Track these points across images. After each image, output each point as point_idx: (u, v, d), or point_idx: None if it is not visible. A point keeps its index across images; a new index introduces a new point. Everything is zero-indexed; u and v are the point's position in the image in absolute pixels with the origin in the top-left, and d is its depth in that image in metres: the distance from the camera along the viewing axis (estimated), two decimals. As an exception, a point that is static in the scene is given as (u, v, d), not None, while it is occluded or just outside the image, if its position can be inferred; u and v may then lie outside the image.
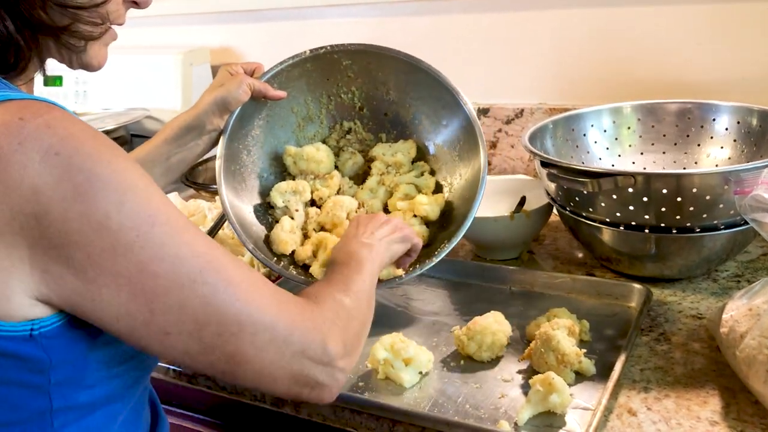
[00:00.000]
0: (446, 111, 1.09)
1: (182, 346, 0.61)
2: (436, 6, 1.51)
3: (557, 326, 0.89)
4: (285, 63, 1.07)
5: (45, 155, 0.55)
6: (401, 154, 1.11)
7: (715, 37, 1.29)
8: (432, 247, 1.02)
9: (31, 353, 0.59)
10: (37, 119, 0.56)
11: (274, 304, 0.64)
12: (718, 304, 0.98)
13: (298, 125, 1.13)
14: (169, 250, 0.59)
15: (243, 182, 1.06)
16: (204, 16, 1.78)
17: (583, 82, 1.41)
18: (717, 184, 0.93)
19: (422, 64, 1.08)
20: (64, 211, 0.55)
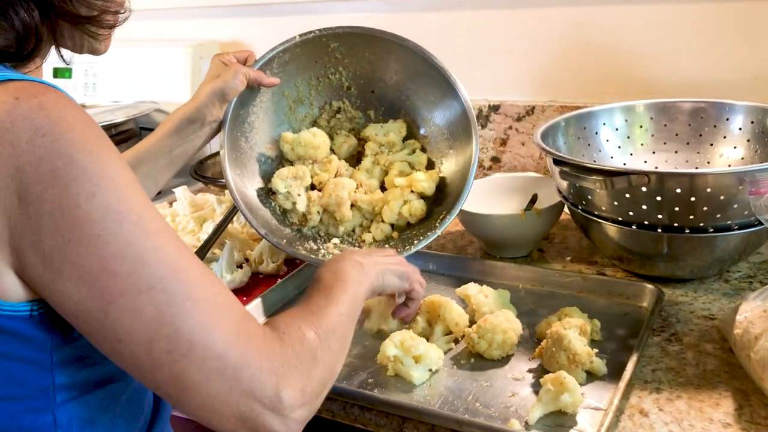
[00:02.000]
0: (433, 87, 1.14)
1: (132, 357, 0.58)
2: (447, 2, 1.50)
3: (569, 325, 0.88)
4: (276, 49, 1.12)
5: (33, 136, 0.55)
6: (393, 134, 1.16)
7: (729, 35, 1.28)
8: (430, 220, 1.08)
9: (33, 332, 0.60)
10: (31, 100, 0.57)
11: (233, 331, 0.60)
12: (730, 305, 0.98)
13: (289, 108, 1.18)
14: (134, 250, 0.57)
15: (244, 168, 1.11)
16: (214, 9, 1.77)
17: (595, 80, 1.40)
18: (731, 184, 0.92)
19: (407, 42, 1.13)
20: (41, 193, 0.55)
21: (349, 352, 0.94)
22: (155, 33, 1.84)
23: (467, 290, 1.00)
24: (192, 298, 0.58)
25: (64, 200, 0.55)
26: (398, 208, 1.11)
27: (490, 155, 1.52)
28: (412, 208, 1.11)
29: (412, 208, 1.11)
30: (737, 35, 1.27)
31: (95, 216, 0.56)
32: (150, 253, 0.58)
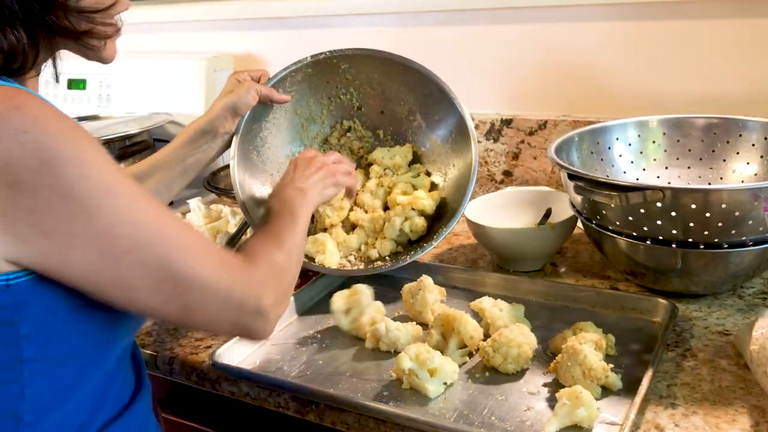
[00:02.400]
0: (438, 106, 1.19)
1: (145, 298, 0.69)
2: (459, 17, 1.51)
3: (584, 340, 0.88)
4: (288, 69, 1.18)
5: (15, 133, 0.61)
6: (399, 157, 1.22)
7: (742, 52, 1.28)
8: (431, 237, 1.14)
9: (4, 303, 0.65)
10: (7, 102, 0.62)
11: (218, 264, 0.73)
12: (744, 321, 0.98)
13: (301, 125, 1.23)
14: (128, 216, 0.67)
15: (254, 180, 1.16)
16: (228, 22, 1.79)
17: (608, 95, 1.40)
18: (746, 200, 0.92)
19: (414, 64, 1.18)
20: (34, 182, 0.61)
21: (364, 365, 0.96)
22: (170, 45, 1.86)
23: (482, 304, 1.01)
24: (183, 244, 0.71)
25: (59, 185, 0.62)
26: (400, 224, 1.15)
27: (502, 169, 1.52)
28: (413, 225, 1.15)
29: (413, 224, 1.15)
30: (750, 52, 1.28)
31: (90, 193, 0.64)
32: (142, 214, 0.68)
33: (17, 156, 0.61)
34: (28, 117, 0.62)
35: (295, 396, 0.91)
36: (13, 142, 0.61)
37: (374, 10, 1.58)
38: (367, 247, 1.18)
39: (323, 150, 1.26)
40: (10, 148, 0.61)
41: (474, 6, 1.47)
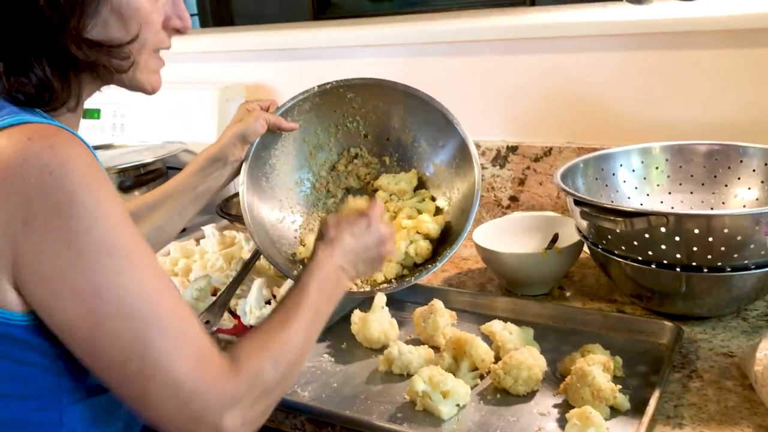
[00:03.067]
0: (442, 133, 1.23)
1: (108, 371, 0.67)
2: (465, 47, 1.55)
3: (592, 362, 0.91)
4: (296, 98, 1.22)
5: (41, 172, 0.63)
6: (404, 183, 1.25)
7: (742, 80, 1.32)
8: (435, 259, 1.16)
9: (36, 340, 0.67)
10: (42, 141, 0.65)
11: (194, 362, 0.67)
12: (748, 343, 1.00)
13: (310, 153, 1.27)
14: (121, 280, 0.65)
15: (264, 205, 1.20)
16: (239, 53, 1.84)
17: (611, 122, 1.44)
18: (748, 225, 0.95)
19: (418, 92, 1.22)
20: (46, 223, 0.63)
21: (378, 388, 0.98)
22: (183, 76, 1.90)
23: (492, 327, 1.03)
24: (164, 328, 0.67)
25: (65, 230, 0.63)
26: (405, 247, 1.18)
27: (509, 194, 1.56)
28: (418, 248, 1.18)
29: (418, 247, 1.18)
30: (749, 80, 1.32)
31: (91, 247, 0.64)
32: (134, 284, 0.66)
33: (38, 194, 0.63)
34: (58, 158, 0.64)
35: (311, 418, 0.94)
36: (38, 180, 0.63)
37: (382, 42, 1.63)
38: None
39: (330, 177, 1.29)
40: (34, 186, 0.63)
41: (479, 37, 1.52)
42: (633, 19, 1.38)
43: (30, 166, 0.63)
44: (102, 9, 0.72)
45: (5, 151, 0.64)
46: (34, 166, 0.63)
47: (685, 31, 1.34)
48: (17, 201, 0.63)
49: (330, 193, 1.29)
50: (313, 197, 1.28)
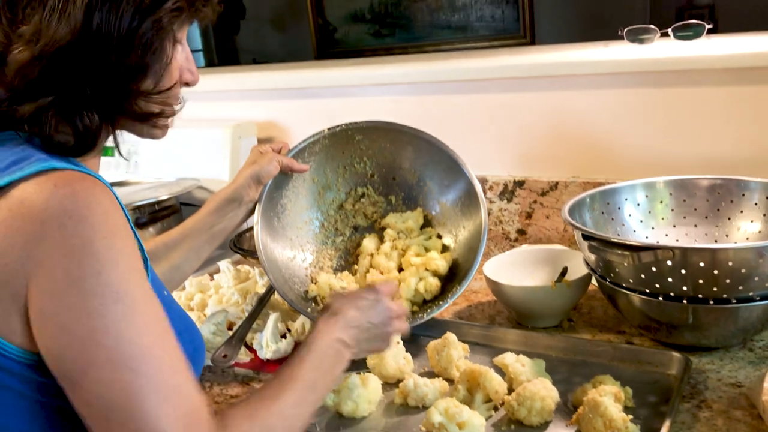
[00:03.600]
0: (447, 173, 1.27)
1: (94, 416, 0.66)
2: (473, 86, 1.60)
3: (603, 393, 0.93)
4: (307, 140, 1.26)
5: (61, 217, 0.66)
6: (411, 221, 1.29)
7: (742, 116, 1.36)
8: (445, 296, 1.19)
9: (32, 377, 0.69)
10: (66, 187, 0.68)
11: (179, 422, 0.66)
12: (756, 373, 1.02)
13: (318, 193, 1.31)
14: (118, 327, 0.66)
15: (276, 244, 1.23)
16: (251, 92, 1.89)
17: (616, 158, 1.48)
18: (751, 257, 0.98)
19: (423, 134, 1.27)
20: (57, 262, 0.65)
21: (394, 420, 1.00)
22: (196, 114, 1.95)
23: (505, 359, 1.06)
24: (155, 382, 0.66)
25: (74, 272, 0.65)
26: (415, 284, 1.22)
27: (516, 227, 1.59)
28: (428, 285, 1.22)
29: (428, 284, 1.22)
30: (749, 116, 1.36)
31: (96, 291, 0.66)
32: (132, 332, 0.66)
33: (55, 239, 0.66)
34: (79, 205, 0.67)
35: (330, 450, 0.96)
36: (57, 222, 0.66)
37: (391, 81, 1.68)
38: None
39: (339, 216, 1.32)
40: (53, 231, 0.66)
41: (485, 76, 1.57)
42: (635, 58, 1.43)
43: (52, 212, 0.66)
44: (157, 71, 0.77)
45: (31, 197, 0.67)
46: (55, 211, 0.66)
47: (686, 69, 1.39)
48: (35, 243, 0.66)
49: (338, 232, 1.33)
50: (322, 236, 1.31)
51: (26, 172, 0.69)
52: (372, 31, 4.06)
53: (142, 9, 0.73)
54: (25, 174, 0.68)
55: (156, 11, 0.74)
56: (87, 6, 0.70)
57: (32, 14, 0.71)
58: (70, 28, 0.70)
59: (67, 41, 0.70)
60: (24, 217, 0.66)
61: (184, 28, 0.80)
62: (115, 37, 0.71)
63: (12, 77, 0.71)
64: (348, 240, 1.32)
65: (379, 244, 1.30)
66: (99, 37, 0.71)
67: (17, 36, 0.71)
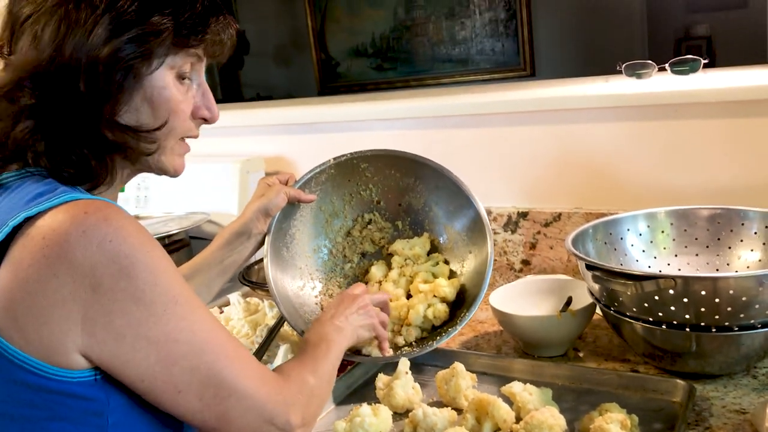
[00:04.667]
0: (452, 198, 1.29)
1: (187, 403, 0.76)
2: (477, 120, 1.64)
3: (610, 420, 0.95)
4: (313, 171, 1.29)
5: (101, 241, 0.70)
6: (418, 247, 1.31)
7: (740, 147, 1.40)
8: (453, 322, 1.21)
9: (93, 396, 0.73)
10: (98, 213, 0.72)
11: (257, 378, 0.80)
12: (759, 400, 1.04)
13: (326, 221, 1.33)
14: (187, 323, 0.75)
15: (285, 275, 1.25)
16: (259, 128, 1.93)
17: (617, 189, 1.51)
18: (752, 286, 1.01)
19: (429, 162, 1.29)
20: (112, 286, 0.70)
21: (406, 448, 1.02)
22: (205, 149, 1.99)
23: (512, 388, 1.07)
24: (229, 356, 0.78)
25: (132, 290, 0.71)
26: (423, 311, 1.23)
27: (521, 258, 1.62)
28: (436, 311, 1.23)
29: (436, 310, 1.23)
30: (747, 148, 1.39)
31: (158, 299, 0.73)
32: (197, 324, 0.76)
33: (101, 262, 0.70)
34: (113, 227, 0.71)
35: (342, 479, 0.97)
36: (99, 249, 0.70)
37: (396, 116, 1.72)
38: (394, 334, 1.25)
39: (346, 243, 1.35)
40: (96, 255, 0.70)
41: (489, 111, 1.61)
42: (634, 92, 1.47)
43: (90, 237, 0.70)
44: (135, 96, 0.79)
45: (65, 225, 0.70)
46: (94, 236, 0.70)
47: (684, 103, 1.43)
48: (83, 270, 0.69)
49: (347, 258, 1.34)
50: (330, 263, 1.33)
51: (54, 202, 0.72)
52: (374, 65, 4.14)
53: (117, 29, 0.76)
54: (54, 204, 0.72)
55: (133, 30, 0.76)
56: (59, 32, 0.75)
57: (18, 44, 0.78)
58: (39, 53, 0.75)
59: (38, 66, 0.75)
60: (61, 244, 0.70)
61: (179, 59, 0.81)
62: (83, 61, 0.75)
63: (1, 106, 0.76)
64: (357, 267, 1.34)
65: (387, 271, 1.32)
66: (69, 62, 0.75)
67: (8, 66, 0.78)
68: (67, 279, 0.69)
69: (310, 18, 4.19)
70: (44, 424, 0.73)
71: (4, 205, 0.76)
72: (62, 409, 0.73)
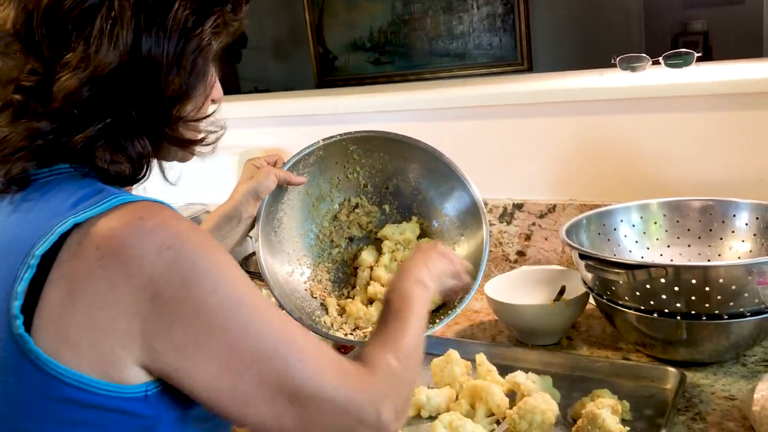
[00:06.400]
0: (444, 181, 1.27)
1: (260, 413, 0.70)
2: (472, 113, 1.66)
3: (601, 405, 0.97)
4: (302, 152, 1.25)
5: (159, 248, 0.66)
6: (409, 232, 1.27)
7: (733, 140, 1.42)
8: (446, 307, 1.18)
9: (145, 412, 0.69)
10: (153, 219, 0.67)
11: (337, 376, 0.72)
12: (748, 387, 1.06)
13: (312, 205, 1.29)
14: (252, 328, 0.68)
15: (275, 260, 1.22)
16: (258, 119, 1.95)
17: (612, 181, 1.53)
18: (741, 275, 1.03)
19: (419, 143, 1.26)
20: (172, 295, 0.66)
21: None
22: (204, 141, 2.01)
23: (516, 378, 1.09)
24: (302, 358, 0.71)
25: (191, 299, 0.66)
26: None
27: (516, 249, 1.63)
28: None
29: None
30: (741, 140, 1.41)
31: (219, 307, 0.67)
32: (264, 328, 0.70)
33: (160, 271, 0.65)
34: (171, 232, 0.67)
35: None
36: (158, 257, 0.65)
37: (393, 108, 1.73)
38: None
39: (333, 227, 1.31)
40: (156, 263, 0.65)
41: (485, 103, 1.62)
42: (628, 85, 1.48)
43: (148, 245, 0.65)
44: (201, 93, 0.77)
45: (121, 232, 0.66)
46: (151, 243, 0.66)
47: (677, 96, 1.44)
48: (142, 280, 0.65)
49: (334, 243, 1.31)
50: (318, 248, 1.29)
51: (104, 207, 0.68)
52: (372, 59, 4.15)
53: (187, 29, 0.72)
54: (104, 209, 0.68)
55: (199, 31, 0.73)
56: (135, 30, 0.70)
57: (77, 41, 0.69)
58: (119, 52, 0.69)
59: (116, 65, 0.69)
60: (118, 254, 0.65)
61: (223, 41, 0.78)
62: (163, 61, 0.71)
63: (60, 105, 0.70)
64: (344, 251, 1.31)
65: (378, 256, 1.30)
66: (147, 61, 0.70)
67: (62, 65, 0.69)
68: (125, 290, 0.65)
69: (308, 12, 4.19)
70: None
71: (42, 209, 0.70)
72: (112, 425, 0.69)
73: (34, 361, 0.66)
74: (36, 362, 0.66)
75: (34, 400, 0.67)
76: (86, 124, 0.71)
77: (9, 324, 0.66)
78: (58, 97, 0.69)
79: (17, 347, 0.66)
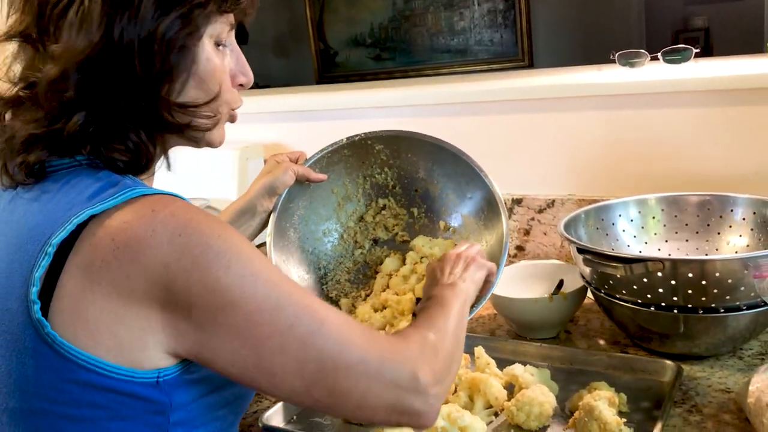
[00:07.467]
0: (470, 185, 1.24)
1: (288, 384, 0.71)
2: (471, 108, 1.66)
3: (598, 397, 0.98)
4: (325, 150, 1.23)
5: (171, 237, 0.68)
6: (438, 249, 1.23)
7: (730, 136, 1.43)
8: None
9: (157, 397, 0.72)
10: (165, 210, 0.69)
11: (364, 340, 0.73)
12: (744, 380, 1.07)
13: (338, 204, 1.27)
14: (270, 301, 0.70)
15: (290, 256, 1.20)
16: (258, 115, 1.95)
17: (610, 176, 1.54)
18: (737, 269, 1.04)
19: (446, 144, 1.23)
20: (186, 279, 0.67)
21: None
22: (205, 137, 2.01)
23: (514, 370, 1.10)
24: (323, 323, 0.71)
25: (206, 279, 0.68)
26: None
27: (516, 244, 1.64)
28: None
29: None
30: (739, 136, 1.42)
31: (234, 283, 0.69)
32: (282, 299, 0.71)
33: (174, 258, 0.67)
34: (181, 222, 0.69)
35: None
36: (171, 246, 0.67)
37: (394, 104, 1.74)
38: (392, 328, 1.18)
39: (359, 228, 1.29)
40: (169, 252, 0.67)
41: (485, 99, 1.63)
42: (627, 81, 1.49)
43: (160, 235, 0.67)
44: (187, 72, 0.76)
45: (134, 225, 0.68)
46: (163, 233, 0.67)
47: (674, 91, 1.45)
48: (156, 269, 0.67)
49: (358, 244, 1.29)
50: (341, 248, 1.28)
51: (119, 199, 0.70)
52: (373, 55, 4.16)
53: (158, 9, 0.72)
54: (118, 201, 0.69)
55: (172, 9, 0.72)
56: (107, 14, 0.70)
57: (60, 32, 0.72)
58: (91, 37, 0.70)
59: (91, 51, 0.70)
60: (132, 246, 0.67)
61: (218, 26, 0.79)
62: (136, 42, 0.71)
63: (44, 95, 0.72)
64: (367, 253, 1.29)
65: (401, 266, 1.26)
66: (121, 44, 0.71)
67: (49, 56, 0.72)
68: (140, 280, 0.67)
69: (309, 8, 4.20)
70: (105, 424, 0.71)
71: (60, 199, 0.72)
72: (125, 409, 0.71)
73: (51, 344, 0.68)
74: (53, 345, 0.68)
75: (50, 382, 0.69)
76: (73, 110, 0.72)
77: (28, 308, 0.69)
78: (42, 87, 0.72)
79: (35, 331, 0.68)
